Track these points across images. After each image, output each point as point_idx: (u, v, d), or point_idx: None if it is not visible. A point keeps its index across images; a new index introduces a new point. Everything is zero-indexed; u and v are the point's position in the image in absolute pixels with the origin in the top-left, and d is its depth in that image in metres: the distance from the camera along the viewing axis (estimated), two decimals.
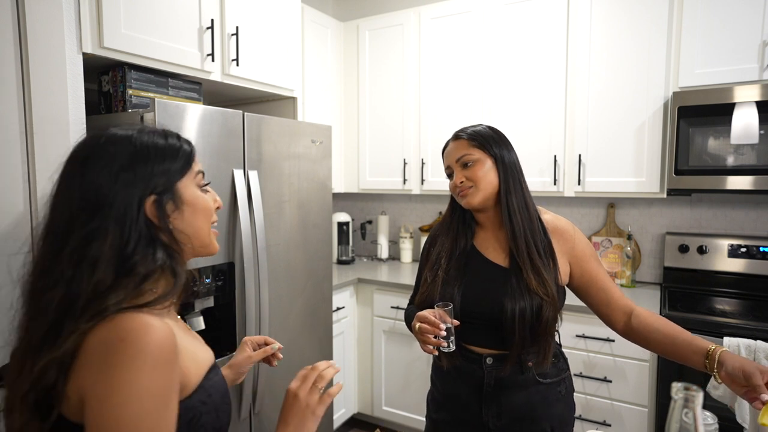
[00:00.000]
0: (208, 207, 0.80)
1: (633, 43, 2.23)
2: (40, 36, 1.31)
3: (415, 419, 2.62)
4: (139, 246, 0.69)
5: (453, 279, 1.22)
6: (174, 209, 0.74)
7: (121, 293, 0.66)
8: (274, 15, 2.14)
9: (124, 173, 0.70)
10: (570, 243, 1.24)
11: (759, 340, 1.73)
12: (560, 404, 1.21)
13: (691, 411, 0.68)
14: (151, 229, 0.71)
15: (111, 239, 0.67)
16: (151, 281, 0.70)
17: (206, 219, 0.79)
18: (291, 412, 0.79)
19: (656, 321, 1.19)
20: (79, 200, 0.68)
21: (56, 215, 0.70)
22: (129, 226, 0.68)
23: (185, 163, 0.77)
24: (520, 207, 1.20)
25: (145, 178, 0.71)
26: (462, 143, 1.24)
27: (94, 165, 0.70)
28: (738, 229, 2.37)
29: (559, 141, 2.43)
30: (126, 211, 0.69)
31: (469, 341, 1.20)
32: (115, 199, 0.68)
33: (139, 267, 0.68)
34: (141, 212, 0.70)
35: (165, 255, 0.72)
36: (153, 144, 0.74)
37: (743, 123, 1.95)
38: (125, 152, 0.71)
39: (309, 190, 2.08)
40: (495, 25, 2.55)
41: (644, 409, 2.03)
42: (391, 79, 2.92)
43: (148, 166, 0.72)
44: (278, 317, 1.94)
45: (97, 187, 0.68)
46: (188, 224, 0.76)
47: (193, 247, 0.78)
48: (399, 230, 3.30)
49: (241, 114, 1.74)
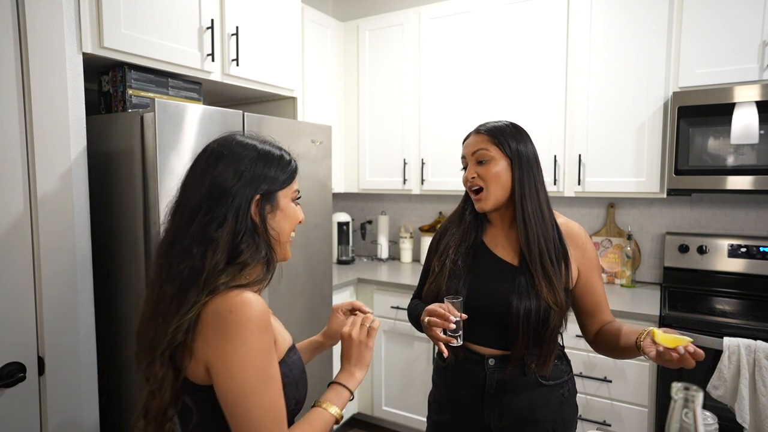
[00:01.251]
0: (296, 216, 0.92)
1: (633, 43, 2.23)
2: (40, 36, 1.31)
3: (415, 419, 2.62)
4: (245, 237, 0.82)
5: (460, 271, 1.21)
6: (270, 211, 0.87)
7: (230, 274, 0.79)
8: (274, 15, 2.14)
9: (247, 173, 0.83)
10: (581, 250, 1.23)
11: (759, 340, 1.73)
12: (563, 406, 1.20)
13: (691, 411, 0.68)
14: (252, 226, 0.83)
15: (229, 227, 0.80)
16: (249, 268, 0.83)
17: (291, 227, 0.92)
18: (350, 350, 0.97)
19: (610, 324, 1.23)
20: (209, 188, 0.81)
21: (186, 197, 0.84)
22: (242, 219, 0.81)
23: (289, 177, 0.90)
24: (535, 212, 1.18)
25: (259, 181, 0.84)
26: (481, 138, 1.21)
27: (226, 161, 0.83)
28: (738, 229, 2.37)
29: (559, 141, 2.43)
30: (242, 205, 0.82)
31: (472, 339, 1.19)
32: (237, 193, 0.81)
33: (245, 255, 0.81)
34: (250, 209, 0.83)
35: (266, 248, 0.85)
36: (271, 154, 0.88)
37: (743, 123, 1.95)
38: (250, 156, 0.85)
39: (309, 190, 2.08)
40: (495, 25, 2.55)
41: (644, 409, 2.03)
42: (391, 79, 2.92)
43: (264, 171, 0.85)
44: (278, 317, 1.93)
45: (224, 180, 0.82)
46: (278, 229, 0.89)
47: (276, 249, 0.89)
48: (399, 230, 3.30)
49: (241, 114, 1.74)
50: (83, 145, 1.44)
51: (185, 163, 1.55)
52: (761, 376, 1.69)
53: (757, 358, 1.70)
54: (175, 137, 1.51)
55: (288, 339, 0.95)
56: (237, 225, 0.81)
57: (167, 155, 1.49)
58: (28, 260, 1.31)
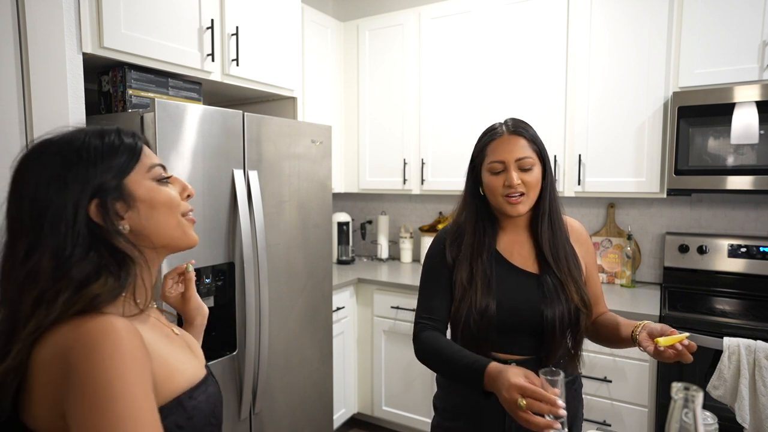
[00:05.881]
0: (169, 199, 0.75)
1: (633, 43, 2.23)
2: (40, 36, 1.31)
3: (415, 419, 2.62)
4: (76, 251, 0.66)
5: (489, 285, 1.14)
6: (127, 208, 0.71)
7: (59, 301, 0.63)
8: (274, 15, 2.14)
9: (55, 181, 0.67)
10: (585, 246, 1.24)
11: (759, 340, 1.73)
12: (575, 401, 1.22)
13: (691, 411, 0.68)
14: (96, 233, 0.68)
15: (50, 250, 0.65)
16: (96, 285, 0.66)
17: (170, 212, 0.75)
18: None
19: (605, 315, 1.25)
20: (20, 218, 0.67)
21: (7, 236, 0.69)
22: (64, 233, 0.66)
23: (129, 160, 0.72)
24: (557, 215, 1.17)
25: (80, 182, 0.68)
26: (522, 141, 1.13)
27: (27, 179, 0.68)
28: (738, 229, 2.37)
29: (559, 141, 2.43)
30: (59, 218, 0.66)
31: (498, 349, 1.15)
32: (47, 208, 0.66)
33: (73, 271, 0.65)
34: (80, 217, 0.67)
35: (109, 257, 0.68)
36: (86, 146, 0.70)
37: (743, 123, 1.95)
38: (56, 160, 0.69)
39: (309, 190, 2.08)
40: (495, 25, 2.55)
41: (644, 409, 2.03)
42: (391, 79, 2.92)
43: (81, 170, 0.69)
44: (278, 317, 1.94)
45: (32, 200, 0.67)
46: (148, 221, 0.73)
47: (163, 243, 0.75)
48: (399, 230, 3.30)
49: (241, 114, 1.74)
50: None
51: (185, 163, 1.55)
52: (761, 376, 1.69)
53: (757, 358, 1.70)
54: (175, 137, 1.51)
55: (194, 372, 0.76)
56: (59, 242, 0.66)
57: (167, 155, 1.49)
58: None
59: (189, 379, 0.73)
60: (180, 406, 0.70)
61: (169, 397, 0.69)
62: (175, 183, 0.79)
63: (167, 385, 0.69)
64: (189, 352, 0.80)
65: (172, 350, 0.75)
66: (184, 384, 0.72)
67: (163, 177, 0.76)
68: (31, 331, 0.62)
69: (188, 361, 0.76)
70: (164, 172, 0.77)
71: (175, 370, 0.72)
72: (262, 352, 1.80)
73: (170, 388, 0.70)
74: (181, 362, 0.74)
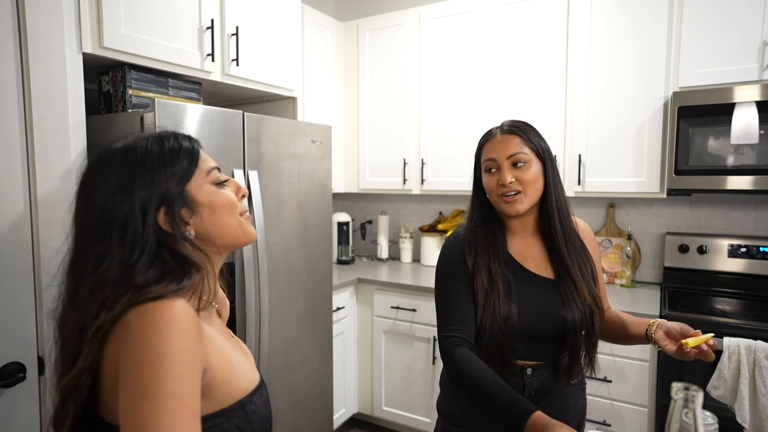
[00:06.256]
0: (227, 202, 0.77)
1: (633, 43, 2.23)
2: (40, 36, 1.31)
3: (415, 419, 2.62)
4: (142, 258, 0.68)
5: (509, 291, 1.11)
6: (192, 214, 0.73)
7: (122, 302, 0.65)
8: (274, 15, 2.13)
9: (121, 191, 0.69)
10: (592, 246, 1.24)
11: (759, 340, 1.73)
12: (582, 400, 1.24)
13: (691, 411, 0.68)
14: (162, 240, 0.70)
15: (119, 258, 0.67)
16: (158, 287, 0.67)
17: (230, 213, 0.77)
18: None
19: (608, 312, 1.28)
20: (89, 225, 0.69)
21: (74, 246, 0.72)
22: (132, 241, 0.68)
23: (189, 165, 0.74)
24: (565, 212, 1.16)
25: (146, 189, 0.69)
26: (515, 140, 1.13)
27: (93, 189, 0.70)
28: (738, 229, 2.37)
29: (559, 141, 2.43)
30: (128, 226, 0.68)
31: (517, 356, 1.13)
32: (116, 216, 0.68)
33: (138, 278, 0.67)
34: (148, 225, 0.69)
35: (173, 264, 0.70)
36: (148, 153, 0.72)
37: (743, 123, 1.95)
38: (120, 169, 0.70)
39: (309, 190, 2.08)
40: (495, 25, 2.55)
41: (644, 409, 2.03)
42: (391, 79, 2.92)
43: (146, 176, 0.70)
44: (278, 317, 1.94)
45: (101, 209, 0.68)
46: (211, 225, 0.75)
47: (227, 243, 0.78)
48: (399, 230, 3.30)
49: (241, 114, 1.74)
50: (83, 145, 1.44)
51: None
52: (761, 376, 1.69)
53: (757, 358, 1.70)
54: None
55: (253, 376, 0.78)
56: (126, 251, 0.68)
57: None
58: (28, 260, 1.31)
59: (249, 383, 0.75)
60: (242, 410, 0.71)
61: (233, 399, 0.71)
62: (230, 184, 0.81)
63: (231, 385, 0.71)
64: (246, 356, 0.82)
65: (235, 353, 0.77)
66: (244, 387, 0.74)
67: (220, 181, 0.78)
68: (95, 330, 0.64)
69: (246, 365, 0.78)
70: (221, 176, 0.79)
71: (237, 373, 0.73)
72: (262, 352, 1.80)
73: (234, 390, 0.71)
74: (241, 365, 0.76)
